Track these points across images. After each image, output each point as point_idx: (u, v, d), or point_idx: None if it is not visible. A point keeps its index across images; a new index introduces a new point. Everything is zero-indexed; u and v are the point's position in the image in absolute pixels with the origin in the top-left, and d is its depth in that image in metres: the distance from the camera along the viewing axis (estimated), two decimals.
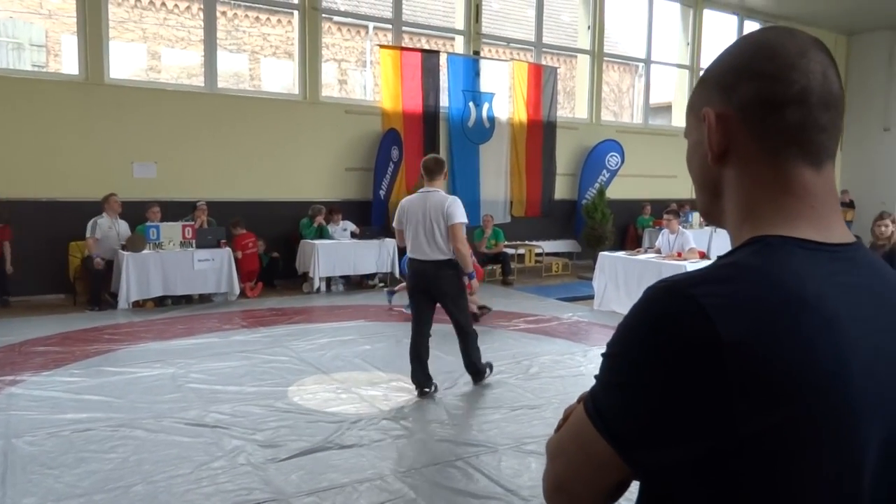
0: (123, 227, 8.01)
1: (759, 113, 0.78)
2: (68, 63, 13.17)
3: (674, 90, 14.59)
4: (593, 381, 0.79)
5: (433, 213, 4.64)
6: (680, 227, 7.82)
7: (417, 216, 4.69)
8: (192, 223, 8.19)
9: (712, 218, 0.87)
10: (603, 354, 0.78)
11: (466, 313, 4.93)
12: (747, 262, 0.74)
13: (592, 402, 0.77)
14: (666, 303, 0.71)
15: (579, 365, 5.68)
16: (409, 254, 4.86)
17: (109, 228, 7.85)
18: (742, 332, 0.68)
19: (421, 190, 4.83)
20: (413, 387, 4.82)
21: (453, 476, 3.50)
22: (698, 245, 8.01)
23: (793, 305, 0.70)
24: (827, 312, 0.71)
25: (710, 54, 14.44)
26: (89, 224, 7.72)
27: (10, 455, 3.66)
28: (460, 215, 4.68)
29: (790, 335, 0.69)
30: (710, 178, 0.84)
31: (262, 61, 16.94)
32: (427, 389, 4.78)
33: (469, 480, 3.46)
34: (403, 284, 6.97)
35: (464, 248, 4.72)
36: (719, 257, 0.80)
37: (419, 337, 4.79)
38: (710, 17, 14.04)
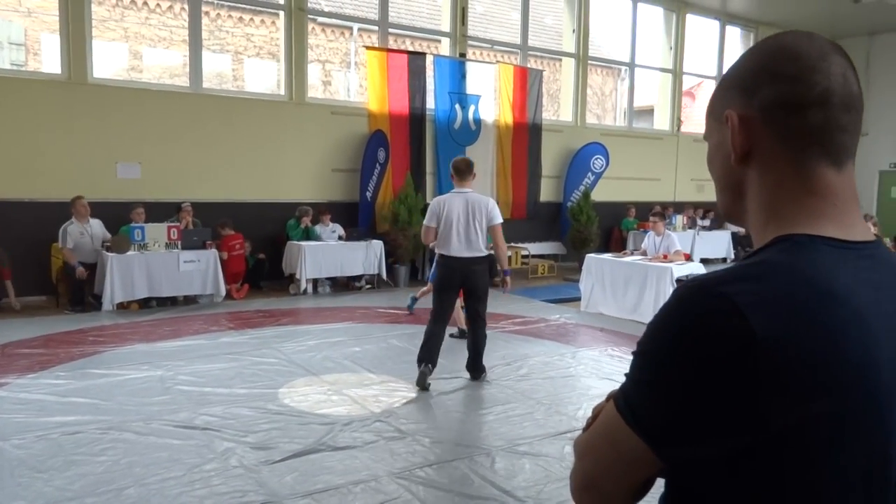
0: (97, 228, 7.82)
1: (781, 114, 0.79)
2: (48, 62, 12.99)
3: (657, 94, 14.73)
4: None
5: (474, 212, 4.84)
6: (665, 230, 7.90)
7: (457, 215, 4.84)
8: (178, 224, 8.11)
9: (734, 218, 0.89)
10: (634, 353, 0.79)
11: (486, 306, 5.12)
12: (777, 259, 0.76)
13: (624, 399, 0.78)
14: (700, 301, 0.73)
15: (569, 366, 5.71)
16: (440, 250, 4.96)
17: (81, 235, 7.64)
18: (776, 328, 0.69)
19: (453, 191, 4.99)
20: (405, 388, 4.82)
21: (448, 477, 3.51)
22: (683, 247, 8.09)
23: (823, 302, 0.72)
24: (855, 307, 0.73)
25: (692, 58, 14.62)
26: (60, 232, 7.51)
27: None
28: (500, 216, 5.00)
29: (821, 331, 0.71)
30: (733, 179, 0.85)
31: (245, 62, 16.85)
32: (429, 384, 4.94)
33: (464, 482, 3.47)
34: (425, 289, 6.94)
35: (504, 246, 5.09)
36: (746, 256, 0.81)
37: (441, 331, 5.00)
38: (693, 21, 14.20)
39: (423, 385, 4.88)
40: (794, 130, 0.79)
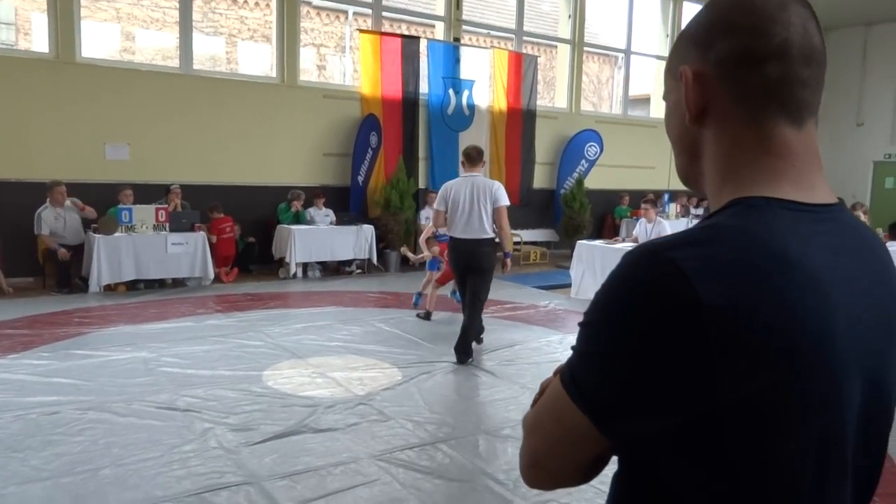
0: (72, 214, 7.71)
1: (737, 69, 0.75)
2: (39, 42, 12.85)
3: (653, 82, 14.65)
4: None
5: (480, 195, 5.03)
6: (657, 217, 7.86)
7: (463, 198, 5.06)
8: (166, 206, 8.04)
9: (691, 181, 0.84)
10: (580, 323, 0.74)
11: (488, 291, 5.32)
12: (729, 223, 0.71)
13: (570, 373, 0.74)
14: (644, 267, 0.69)
15: (555, 352, 5.69)
16: (450, 233, 5.21)
17: (56, 220, 7.55)
18: (724, 296, 0.65)
19: (463, 175, 5.22)
20: (390, 372, 4.80)
21: (429, 460, 3.48)
22: None
23: (776, 267, 0.68)
24: (811, 274, 0.69)
25: None
26: (35, 218, 7.45)
27: None
28: (505, 199, 5.12)
29: (774, 297, 0.66)
30: (688, 140, 0.81)
31: (239, 45, 16.70)
32: (481, 337, 5.45)
33: (445, 464, 3.44)
34: (425, 280, 6.99)
35: (508, 228, 5.21)
36: (700, 220, 0.77)
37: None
38: (690, 9, 14.09)
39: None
40: (751, 86, 0.74)
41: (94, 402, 4.12)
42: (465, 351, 5.19)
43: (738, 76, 0.75)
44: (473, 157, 5.20)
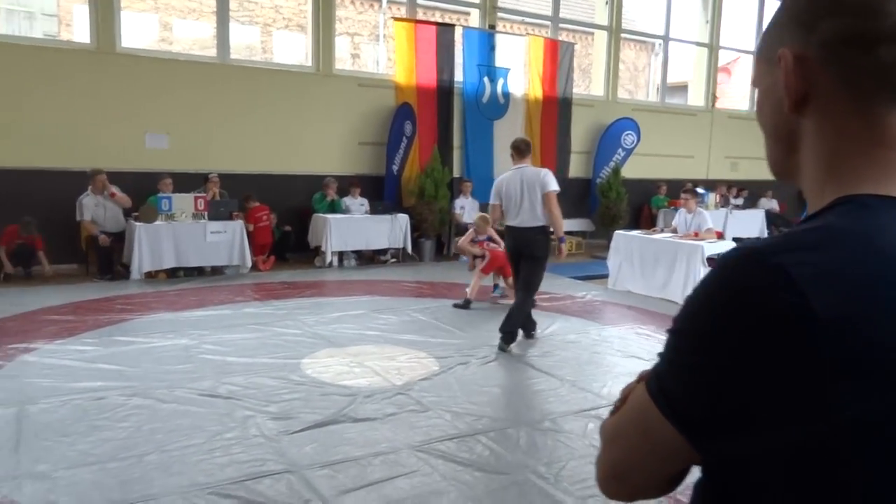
0: (111, 203, 7.85)
1: (846, 52, 0.67)
2: (80, 33, 13.08)
3: (692, 69, 14.35)
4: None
5: (529, 183, 5.22)
6: (697, 207, 7.70)
7: (515, 189, 5.26)
8: (205, 195, 8.13)
9: (785, 174, 0.77)
10: (669, 330, 0.68)
11: (541, 278, 5.43)
12: (841, 225, 0.64)
13: (657, 383, 0.68)
14: (749, 273, 0.62)
15: (594, 343, 5.62)
16: (505, 222, 5.41)
17: (96, 206, 7.73)
18: (838, 307, 0.58)
19: (513, 168, 5.37)
20: (427, 362, 4.81)
21: (469, 451, 3.46)
22: (715, 225, 7.89)
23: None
24: None
25: (729, 32, 14.18)
26: (76, 205, 7.63)
27: (24, 421, 3.65)
28: (554, 184, 5.31)
29: (894, 310, 0.59)
30: (785, 129, 0.74)
31: (274, 34, 16.80)
32: (533, 332, 5.57)
33: (485, 456, 3.42)
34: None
35: (558, 213, 5.32)
36: (804, 220, 0.69)
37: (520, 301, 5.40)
38: None
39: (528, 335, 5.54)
40: (861, 71, 0.67)
41: (137, 389, 4.18)
42: (510, 333, 5.24)
43: (846, 60, 0.68)
44: (522, 149, 5.37)
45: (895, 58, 0.66)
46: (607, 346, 5.55)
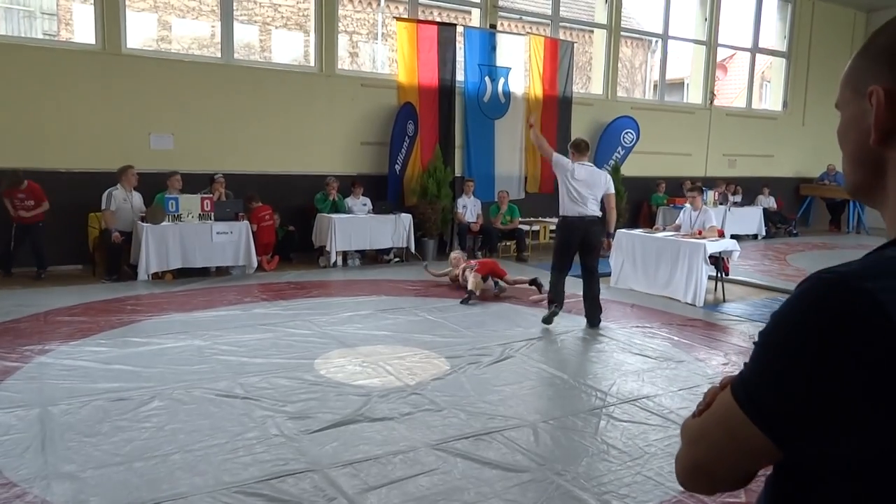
0: (137, 199, 8.02)
1: None
2: (80, 32, 13.07)
3: (689, 66, 14.44)
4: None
5: (596, 181, 5.91)
6: (703, 205, 7.79)
7: (585, 180, 5.85)
8: (211, 195, 8.19)
9: (863, 196, 0.84)
10: (757, 343, 0.76)
11: (598, 262, 6.14)
12: None
13: (745, 391, 0.76)
14: (839, 297, 0.69)
15: (600, 342, 5.71)
16: (566, 212, 5.92)
17: (124, 201, 7.87)
18: None
19: (578, 163, 5.94)
20: (438, 361, 4.89)
21: (486, 449, 3.54)
22: (717, 223, 7.99)
23: None
24: None
25: (727, 30, 14.27)
26: (104, 196, 7.73)
27: (48, 423, 3.72)
28: (613, 187, 6.08)
29: None
30: (869, 158, 0.80)
31: (273, 32, 16.80)
32: (558, 306, 6.08)
33: (501, 454, 3.50)
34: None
35: (615, 212, 6.28)
36: (883, 247, 0.76)
37: (563, 276, 6.13)
38: None
39: (548, 321, 6.07)
40: None
41: (155, 390, 4.25)
42: (596, 313, 6.13)
43: None
44: (583, 148, 6.01)
45: None
46: (614, 345, 5.64)
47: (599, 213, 5.95)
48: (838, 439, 0.70)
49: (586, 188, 5.82)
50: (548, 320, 6.04)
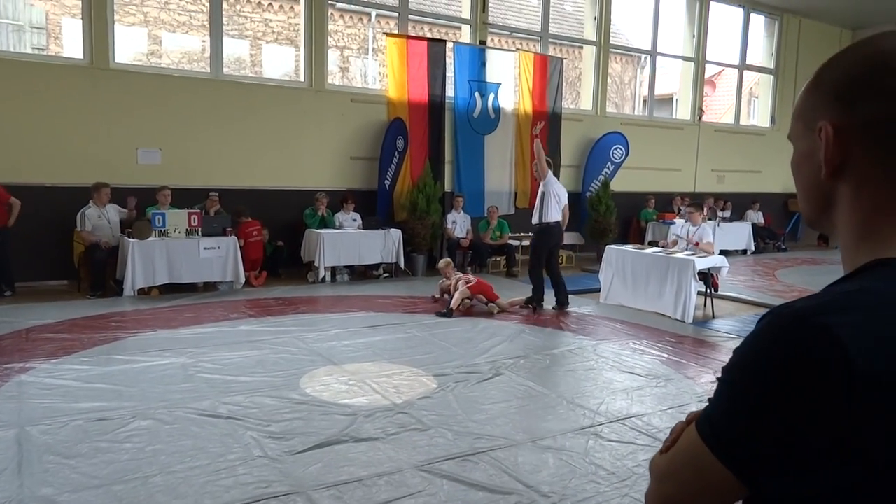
0: (113, 213, 7.93)
1: (884, 134, 0.74)
2: (69, 46, 13.03)
3: (678, 82, 14.54)
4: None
5: (563, 193, 7.42)
6: (702, 221, 7.78)
7: (561, 193, 7.36)
8: (198, 211, 8.13)
9: (818, 228, 0.85)
10: (720, 379, 0.75)
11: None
12: (882, 289, 0.71)
13: (710, 428, 0.74)
14: (798, 333, 0.68)
15: (590, 359, 5.68)
16: (549, 219, 7.31)
17: (99, 218, 7.78)
18: (878, 363, 0.65)
19: (552, 175, 7.45)
20: (426, 380, 4.84)
21: (472, 471, 3.49)
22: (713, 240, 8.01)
23: None
24: None
25: (715, 47, 14.40)
26: (78, 216, 7.65)
27: (25, 444, 3.64)
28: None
29: None
30: (820, 191, 0.80)
31: (263, 47, 16.81)
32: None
33: (488, 475, 3.45)
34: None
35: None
36: (840, 281, 0.76)
37: (541, 270, 7.46)
38: (717, 9, 13.98)
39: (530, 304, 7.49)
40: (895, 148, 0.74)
41: (137, 409, 4.18)
42: (564, 298, 7.53)
43: (884, 140, 0.74)
44: (551, 164, 7.49)
45: None
46: (603, 362, 5.61)
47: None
48: (801, 476, 0.69)
49: (562, 199, 7.32)
50: (531, 302, 7.49)
